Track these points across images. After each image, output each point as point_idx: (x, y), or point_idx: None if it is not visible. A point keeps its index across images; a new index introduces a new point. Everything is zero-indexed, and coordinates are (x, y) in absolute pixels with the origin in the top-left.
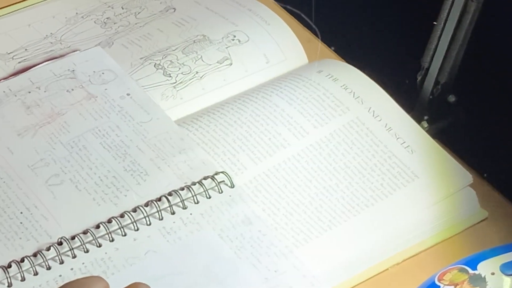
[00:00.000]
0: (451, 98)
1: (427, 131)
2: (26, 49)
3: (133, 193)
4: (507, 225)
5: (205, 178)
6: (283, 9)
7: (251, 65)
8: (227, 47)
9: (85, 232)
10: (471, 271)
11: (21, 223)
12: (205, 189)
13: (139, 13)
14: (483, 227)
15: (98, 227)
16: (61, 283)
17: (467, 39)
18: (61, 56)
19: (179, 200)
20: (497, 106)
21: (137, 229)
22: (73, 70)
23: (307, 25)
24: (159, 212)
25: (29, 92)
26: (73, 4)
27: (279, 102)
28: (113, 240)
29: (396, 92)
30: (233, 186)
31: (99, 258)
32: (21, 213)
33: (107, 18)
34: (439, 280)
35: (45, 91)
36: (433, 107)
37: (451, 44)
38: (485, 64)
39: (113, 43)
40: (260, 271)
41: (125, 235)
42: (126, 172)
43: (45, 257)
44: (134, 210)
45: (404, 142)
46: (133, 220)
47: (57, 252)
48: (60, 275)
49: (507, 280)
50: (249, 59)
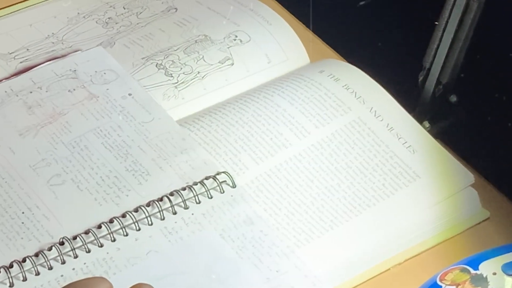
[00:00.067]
0: (453, 98)
1: (429, 131)
2: (27, 49)
3: (135, 192)
4: (508, 225)
5: (206, 178)
6: (284, 9)
7: (252, 65)
8: (228, 47)
9: (86, 232)
10: (472, 271)
11: (22, 223)
12: (206, 189)
13: (140, 13)
14: (485, 227)
15: (99, 227)
16: (63, 283)
17: (469, 39)
18: (62, 56)
19: (181, 200)
20: (498, 106)
21: (139, 229)
22: (75, 70)
23: (308, 25)
24: (161, 212)
25: (31, 92)
26: (74, 4)
27: (281, 102)
28: (114, 240)
29: (398, 92)
30: (234, 186)
31: (100, 258)
32: (23, 213)
33: (108, 18)
34: (440, 280)
35: (46, 91)
36: (434, 107)
37: (452, 44)
38: (486, 64)
39: (114, 43)
40: (261, 271)
41: (126, 235)
42: (127, 172)
43: (46, 257)
44: (136, 210)
45: (406, 142)
46: (134, 220)
47: (58, 252)
48: (62, 275)
49: (508, 280)
50: (250, 59)
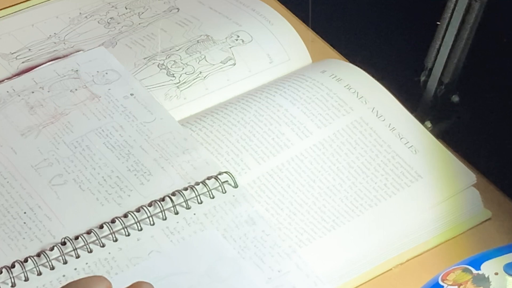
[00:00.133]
0: (455, 98)
1: (431, 131)
2: (29, 49)
3: (137, 192)
4: (510, 225)
5: (208, 178)
6: (286, 9)
7: (254, 65)
8: (230, 47)
9: (88, 232)
10: (474, 271)
11: (24, 223)
12: (208, 189)
13: (142, 13)
14: (487, 227)
15: (101, 227)
16: (64, 283)
17: (471, 39)
18: (64, 56)
19: (183, 200)
20: (500, 106)
21: (141, 229)
22: (77, 70)
23: (310, 25)
24: (163, 212)
25: (33, 92)
26: (76, 4)
27: (283, 102)
28: (116, 240)
29: (400, 92)
30: (236, 186)
31: (102, 258)
32: (25, 213)
33: (110, 18)
34: (442, 280)
35: (48, 91)
36: (436, 108)
37: (454, 44)
38: (488, 64)
39: (116, 43)
40: (263, 271)
41: (128, 235)
42: (129, 172)
43: (48, 257)
44: (138, 210)
45: (408, 142)
46: (136, 220)
47: (60, 252)
48: (64, 275)
49: (510, 280)
50: (252, 59)
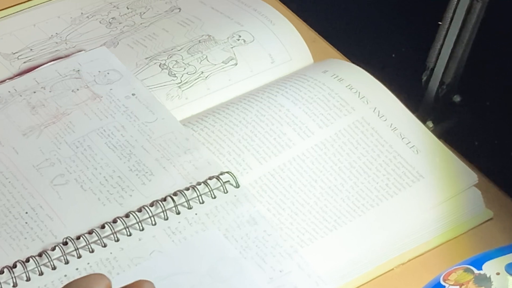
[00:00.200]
0: (456, 98)
1: (432, 131)
2: (31, 49)
3: (138, 192)
4: None
5: (210, 178)
6: (288, 9)
7: (256, 65)
8: (232, 47)
9: (90, 232)
10: (476, 271)
11: (26, 223)
12: (210, 189)
13: (144, 13)
14: (488, 227)
15: (103, 227)
16: (66, 283)
17: (472, 39)
18: (66, 56)
19: (184, 200)
20: (502, 106)
21: (142, 229)
22: (78, 70)
23: (312, 25)
24: (164, 212)
25: (34, 92)
26: (78, 4)
27: (284, 102)
28: (118, 240)
29: (401, 92)
30: (238, 186)
31: (104, 258)
32: (26, 213)
33: (112, 18)
34: (444, 280)
35: (50, 91)
36: (438, 108)
37: (456, 44)
38: (490, 64)
39: (118, 43)
40: (265, 271)
41: (130, 235)
42: (131, 171)
43: (50, 257)
44: (139, 210)
45: (409, 142)
46: (138, 220)
47: (62, 252)
48: (66, 275)
49: None
50: (254, 59)
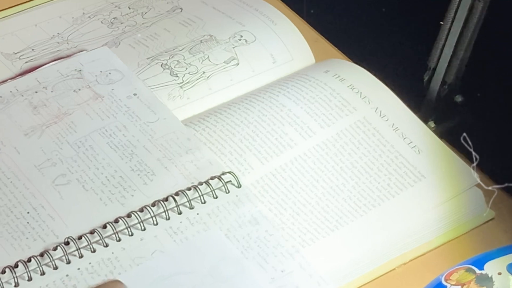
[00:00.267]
0: (458, 98)
1: (434, 131)
2: (33, 49)
3: (140, 192)
4: None
5: (212, 178)
6: (290, 8)
7: (258, 65)
8: (234, 47)
9: (92, 232)
10: (478, 271)
11: (28, 223)
12: (212, 189)
13: (146, 13)
14: (490, 227)
15: (105, 227)
16: (68, 283)
17: (474, 39)
18: (68, 56)
19: (186, 200)
20: (503, 106)
21: (144, 229)
22: (80, 70)
23: (313, 25)
24: (166, 212)
25: (36, 92)
26: (80, 4)
27: (286, 102)
28: (120, 240)
29: (403, 92)
30: (240, 186)
31: (106, 258)
32: (28, 213)
33: (114, 18)
34: (446, 280)
35: (52, 91)
36: (440, 107)
37: (458, 44)
38: (492, 64)
39: (120, 43)
40: (266, 270)
41: (132, 235)
42: (133, 171)
43: (52, 257)
44: (141, 210)
45: (411, 142)
46: (140, 220)
47: (64, 252)
48: (67, 275)
49: None
50: (256, 59)
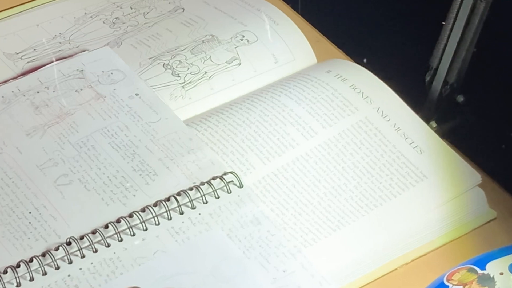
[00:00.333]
0: (460, 98)
1: (436, 131)
2: (34, 49)
3: (142, 192)
4: None
5: (213, 178)
6: (291, 9)
7: (259, 65)
8: (235, 47)
9: (93, 232)
10: (479, 271)
11: (29, 223)
12: (213, 189)
13: (147, 13)
14: (492, 227)
15: (106, 227)
16: (70, 283)
17: (476, 39)
18: (69, 56)
19: (188, 200)
20: (505, 106)
21: (146, 229)
22: (82, 70)
23: (315, 25)
24: (168, 212)
25: (38, 92)
26: (81, 4)
27: (288, 102)
28: (121, 240)
29: (405, 92)
30: (241, 186)
31: (107, 258)
32: (30, 213)
33: (115, 18)
34: (447, 280)
35: (53, 91)
36: (441, 107)
37: (459, 44)
38: (493, 64)
39: (121, 43)
40: (268, 271)
41: (133, 235)
42: (135, 171)
43: (53, 257)
44: (143, 210)
45: (413, 142)
46: (141, 220)
47: (65, 252)
48: (69, 275)
49: None
50: (258, 59)
